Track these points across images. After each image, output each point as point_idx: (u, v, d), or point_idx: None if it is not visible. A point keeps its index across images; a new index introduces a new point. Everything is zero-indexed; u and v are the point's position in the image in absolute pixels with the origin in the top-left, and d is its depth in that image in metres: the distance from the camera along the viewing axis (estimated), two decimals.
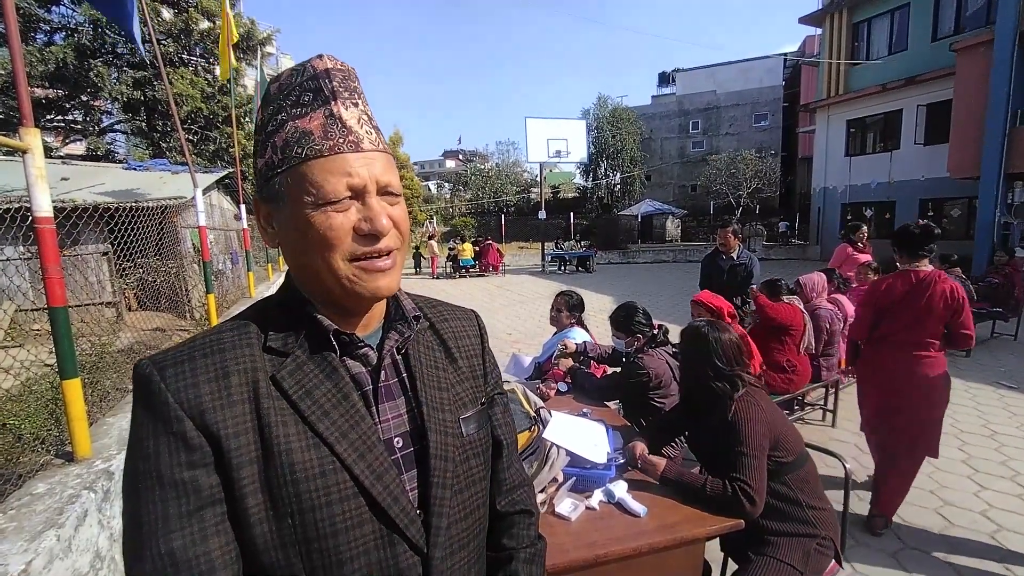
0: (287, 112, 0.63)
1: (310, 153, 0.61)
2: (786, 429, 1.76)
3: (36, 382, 2.64)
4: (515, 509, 0.85)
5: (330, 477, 0.61)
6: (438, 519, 0.68)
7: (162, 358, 0.61)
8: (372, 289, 0.64)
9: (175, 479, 0.57)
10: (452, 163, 57.94)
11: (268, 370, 0.63)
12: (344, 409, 0.64)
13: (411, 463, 0.69)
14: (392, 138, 29.85)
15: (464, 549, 0.72)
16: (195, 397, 0.59)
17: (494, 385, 0.85)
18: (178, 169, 9.06)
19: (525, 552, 0.83)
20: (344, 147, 0.61)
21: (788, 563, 1.63)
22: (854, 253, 6.08)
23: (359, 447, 0.63)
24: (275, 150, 0.63)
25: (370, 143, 0.63)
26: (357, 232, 0.62)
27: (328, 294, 0.65)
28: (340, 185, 0.60)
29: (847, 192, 16.85)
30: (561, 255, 17.87)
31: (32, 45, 11.59)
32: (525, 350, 4.94)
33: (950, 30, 13.79)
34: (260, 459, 0.60)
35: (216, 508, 0.59)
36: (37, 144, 1.92)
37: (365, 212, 0.62)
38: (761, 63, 30.41)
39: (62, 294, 1.99)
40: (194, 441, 0.58)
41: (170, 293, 6.32)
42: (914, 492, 3.07)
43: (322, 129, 0.61)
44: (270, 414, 0.61)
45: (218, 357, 0.62)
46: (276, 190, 0.63)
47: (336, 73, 0.63)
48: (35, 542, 1.51)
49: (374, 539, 0.63)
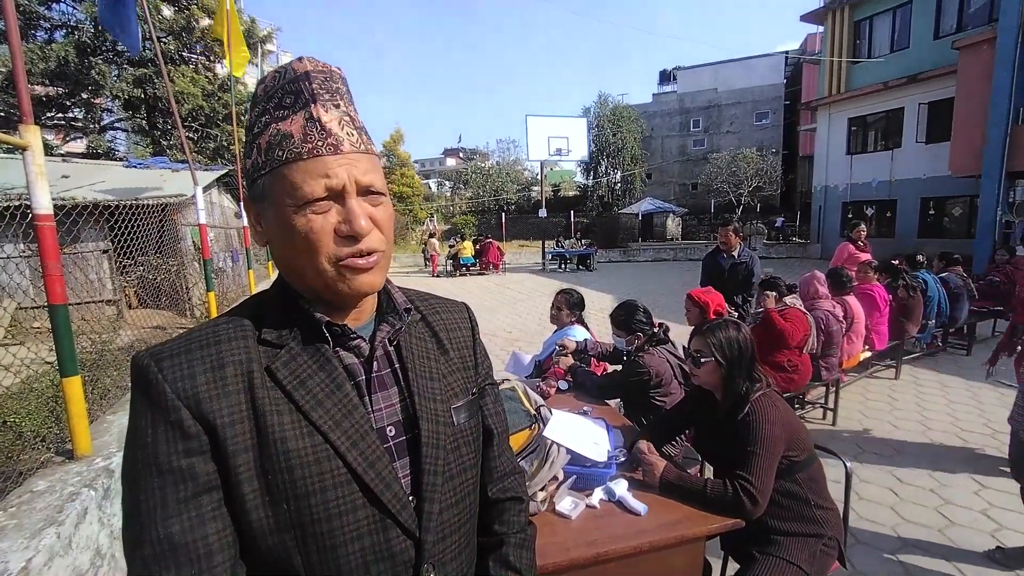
0: (270, 114, 0.64)
1: (289, 156, 0.62)
2: (799, 428, 1.75)
3: (37, 380, 2.64)
4: (505, 496, 0.87)
5: (324, 464, 0.63)
6: (430, 505, 0.70)
7: (159, 350, 0.63)
8: (355, 288, 0.65)
9: (173, 466, 0.59)
10: (453, 161, 57.83)
11: (263, 361, 0.65)
12: (337, 399, 0.66)
13: (404, 451, 0.71)
14: (393, 136, 29.83)
15: (455, 534, 0.74)
16: (191, 387, 0.60)
17: (485, 376, 0.87)
18: (178, 167, 9.05)
19: (515, 537, 0.85)
20: (323, 149, 0.62)
21: (795, 563, 1.62)
22: (855, 252, 6.07)
23: (352, 435, 0.65)
24: (259, 152, 0.64)
25: (351, 145, 0.64)
26: (338, 233, 0.63)
27: (315, 291, 0.67)
28: (318, 187, 0.61)
29: (848, 190, 16.82)
30: (561, 253, 17.84)
31: (33, 43, 11.58)
32: (525, 348, 4.94)
33: (952, 28, 13.75)
34: (255, 447, 0.62)
35: (213, 494, 0.60)
36: (37, 142, 1.92)
37: (344, 214, 0.63)
38: (762, 61, 30.32)
39: (62, 292, 1.99)
40: (191, 430, 0.60)
41: (170, 291, 6.32)
42: (914, 490, 3.07)
43: (301, 132, 0.62)
44: (265, 403, 0.63)
45: (214, 349, 0.64)
46: (261, 191, 0.65)
47: (316, 75, 0.64)
48: (35, 540, 1.51)
49: (367, 524, 0.65)
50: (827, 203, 17.51)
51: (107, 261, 6.26)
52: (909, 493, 3.05)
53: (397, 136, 29.85)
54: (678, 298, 10.84)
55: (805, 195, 23.22)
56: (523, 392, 1.84)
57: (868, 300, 4.74)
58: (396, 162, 29.53)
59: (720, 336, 1.80)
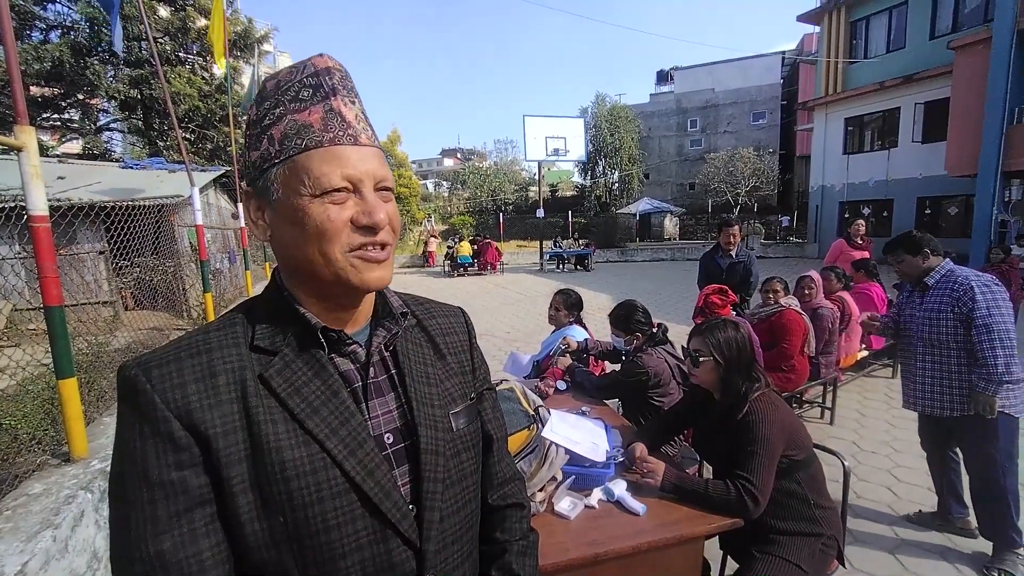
0: (285, 106, 0.63)
1: (310, 143, 0.61)
2: (798, 427, 1.75)
3: (32, 382, 2.63)
4: (507, 503, 0.85)
5: (321, 474, 0.61)
6: (430, 513, 0.68)
7: (147, 359, 0.61)
8: (367, 280, 0.64)
9: (163, 480, 0.57)
10: (450, 162, 57.79)
11: (256, 369, 0.63)
12: (333, 406, 0.65)
13: (402, 458, 0.69)
14: (390, 137, 29.77)
15: (457, 543, 0.72)
16: (182, 397, 0.59)
17: (483, 380, 0.86)
18: (175, 168, 9.02)
19: (518, 545, 0.84)
20: (343, 139, 0.62)
21: (794, 562, 1.62)
22: (848, 249, 6.08)
23: (349, 443, 0.64)
24: (272, 142, 0.63)
25: (367, 139, 0.65)
26: (355, 224, 0.62)
27: (320, 287, 0.66)
28: (337, 176, 0.61)
29: (845, 190, 16.88)
30: (559, 253, 17.84)
31: (28, 43, 11.52)
32: (524, 348, 4.94)
33: (948, 28, 13.82)
34: (249, 457, 0.60)
35: (206, 508, 0.59)
36: (32, 142, 1.91)
37: (363, 205, 0.63)
38: (759, 61, 30.37)
39: (58, 293, 1.98)
40: (182, 441, 0.58)
41: (167, 292, 6.30)
42: (911, 488, 3.08)
43: (322, 122, 0.62)
44: (259, 412, 0.61)
45: (204, 357, 0.62)
46: (270, 182, 0.63)
47: (335, 72, 0.65)
48: (31, 543, 1.50)
49: (367, 534, 0.63)
50: (824, 203, 17.57)
51: (103, 262, 6.23)
52: (907, 492, 3.06)
53: (394, 137, 29.80)
54: (676, 297, 10.85)
55: (802, 195, 23.27)
56: (521, 392, 1.84)
57: (865, 300, 4.76)
58: (393, 163, 29.46)
59: (719, 336, 1.80)
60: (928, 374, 2.49)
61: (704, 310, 3.60)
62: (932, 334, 2.44)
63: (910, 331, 2.58)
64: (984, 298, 2.26)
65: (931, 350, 2.47)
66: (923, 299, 2.51)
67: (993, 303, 2.26)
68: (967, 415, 2.36)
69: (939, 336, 2.41)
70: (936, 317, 2.41)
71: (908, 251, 2.52)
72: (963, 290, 2.32)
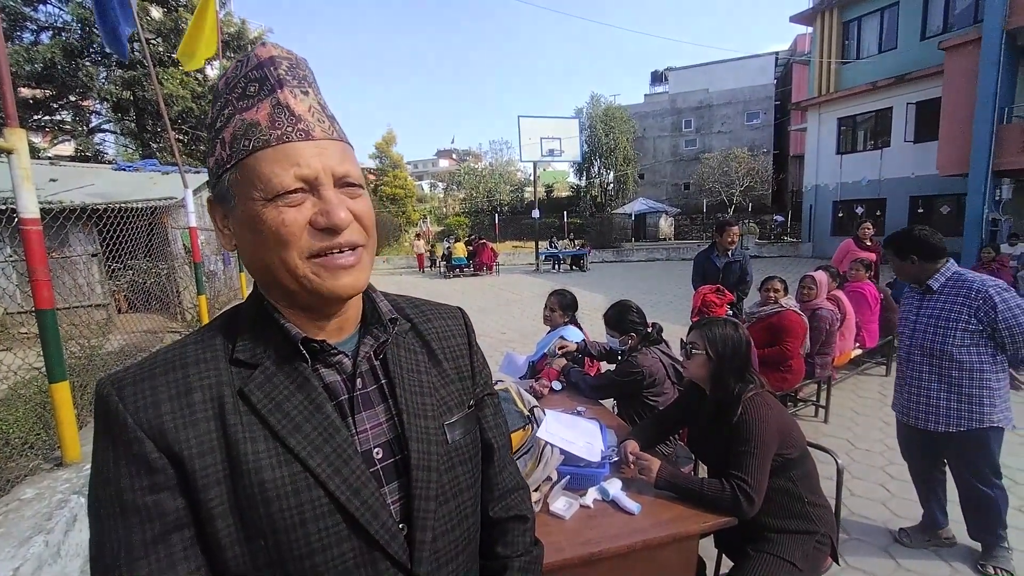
0: (233, 105, 0.59)
1: (257, 144, 0.56)
2: (792, 426, 1.76)
3: (24, 386, 2.61)
4: (508, 515, 0.81)
5: (303, 495, 0.58)
6: (422, 533, 0.64)
7: (121, 376, 0.58)
8: (333, 288, 0.59)
9: (138, 504, 0.54)
10: (446, 162, 57.79)
11: (235, 384, 0.60)
12: (317, 421, 0.61)
13: (392, 475, 0.65)
14: (385, 138, 29.71)
15: (452, 562, 0.68)
16: (155, 417, 0.56)
17: (483, 386, 0.81)
18: (168, 169, 8.98)
19: (520, 560, 0.79)
20: (294, 136, 0.57)
21: (788, 560, 1.63)
22: (856, 250, 6.10)
23: (334, 461, 0.60)
24: (224, 146, 0.59)
25: (323, 132, 0.59)
26: (314, 226, 0.57)
27: (290, 296, 0.62)
28: (288, 177, 0.56)
29: (838, 189, 16.99)
30: (555, 254, 17.88)
31: (18, 44, 11.44)
32: (519, 349, 4.94)
33: (939, 28, 13.94)
34: (228, 479, 0.57)
35: (183, 532, 0.56)
36: (22, 145, 1.90)
37: (321, 205, 0.58)
38: (753, 61, 30.51)
39: (50, 296, 1.97)
40: (156, 463, 0.55)
41: (161, 295, 6.27)
42: (905, 485, 3.10)
43: (269, 119, 0.57)
44: (237, 431, 0.58)
45: (180, 373, 0.59)
46: (226, 188, 0.59)
47: (282, 61, 0.59)
48: (23, 548, 1.50)
49: (353, 557, 0.60)
50: (818, 202, 17.68)
51: (96, 265, 6.19)
52: (900, 489, 3.08)
53: (389, 137, 29.73)
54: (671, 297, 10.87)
55: (796, 194, 23.39)
56: (517, 393, 1.84)
57: (858, 298, 4.79)
58: (388, 163, 29.44)
59: (716, 332, 1.82)
60: (927, 386, 2.33)
61: (703, 310, 3.62)
62: (935, 343, 2.27)
63: (905, 337, 2.44)
64: (1005, 304, 2.12)
65: (932, 360, 2.31)
66: (924, 302, 2.35)
67: (1016, 305, 2.12)
68: (962, 431, 2.24)
69: (943, 346, 2.24)
70: (944, 325, 2.24)
71: (925, 258, 2.31)
72: (982, 298, 2.15)
